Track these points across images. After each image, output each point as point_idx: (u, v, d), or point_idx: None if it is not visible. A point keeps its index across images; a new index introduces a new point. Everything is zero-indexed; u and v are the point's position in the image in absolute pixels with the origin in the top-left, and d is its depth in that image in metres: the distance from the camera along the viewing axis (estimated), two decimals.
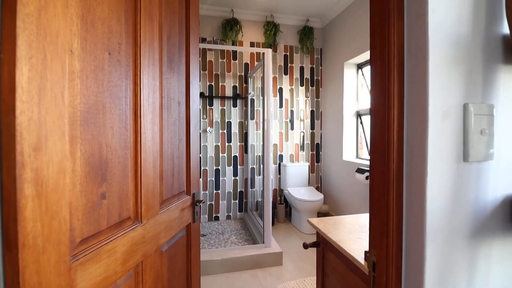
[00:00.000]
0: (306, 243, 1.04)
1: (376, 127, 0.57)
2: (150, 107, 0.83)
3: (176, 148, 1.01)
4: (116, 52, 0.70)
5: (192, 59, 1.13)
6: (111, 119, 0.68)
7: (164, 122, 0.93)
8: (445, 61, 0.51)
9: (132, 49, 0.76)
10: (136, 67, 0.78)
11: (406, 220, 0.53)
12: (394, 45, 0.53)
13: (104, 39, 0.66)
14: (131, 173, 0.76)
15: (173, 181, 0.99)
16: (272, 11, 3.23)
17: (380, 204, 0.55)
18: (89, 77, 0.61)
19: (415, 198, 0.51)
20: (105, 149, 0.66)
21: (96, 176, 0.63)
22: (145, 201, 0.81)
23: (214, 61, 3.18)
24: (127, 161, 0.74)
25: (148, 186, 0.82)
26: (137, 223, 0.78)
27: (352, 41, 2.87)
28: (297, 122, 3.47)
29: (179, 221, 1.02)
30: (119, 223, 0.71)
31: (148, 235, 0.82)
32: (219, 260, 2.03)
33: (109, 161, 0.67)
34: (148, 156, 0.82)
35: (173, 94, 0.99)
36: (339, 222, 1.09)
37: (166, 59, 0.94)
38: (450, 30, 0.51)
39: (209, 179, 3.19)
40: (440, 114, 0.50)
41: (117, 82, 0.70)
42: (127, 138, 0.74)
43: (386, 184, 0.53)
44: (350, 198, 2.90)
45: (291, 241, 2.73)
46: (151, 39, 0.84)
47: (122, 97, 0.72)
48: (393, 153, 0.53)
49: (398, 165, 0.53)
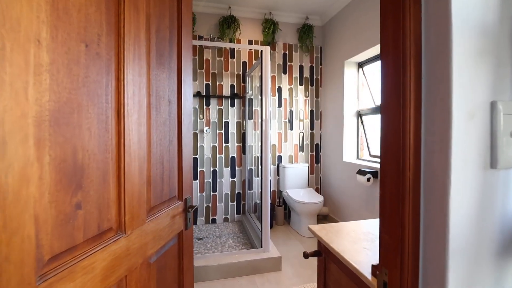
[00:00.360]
0: (306, 253, 0.97)
1: (388, 129, 0.50)
2: (136, 106, 0.76)
3: (166, 151, 0.93)
4: (94, 44, 0.62)
5: (185, 55, 1.05)
6: (89, 119, 0.60)
7: (153, 122, 0.85)
8: (470, 52, 0.43)
9: (115, 42, 0.69)
10: (119, 61, 0.70)
11: (424, 236, 0.46)
12: (410, 33, 0.45)
13: (80, 29, 0.59)
14: (113, 179, 0.68)
15: (163, 186, 0.91)
16: (270, 9, 3.16)
17: (394, 217, 0.48)
18: (61, 71, 0.54)
19: (436, 211, 0.44)
20: (80, 153, 0.58)
21: (70, 184, 0.56)
22: (130, 210, 0.73)
23: (211, 59, 3.10)
24: (108, 166, 0.66)
25: (133, 193, 0.74)
26: (120, 234, 0.70)
27: (353, 39, 2.80)
28: (296, 122, 3.40)
29: (170, 229, 0.95)
30: (98, 235, 0.64)
31: (133, 246, 0.75)
32: (216, 266, 1.96)
33: (85, 166, 0.59)
34: (133, 160, 0.74)
35: (163, 92, 0.91)
36: (341, 230, 1.01)
37: (155, 54, 0.87)
38: (475, 16, 0.43)
39: (206, 181, 3.11)
40: (464, 113, 0.43)
41: (96, 78, 0.62)
42: (108, 141, 0.66)
43: (401, 195, 0.46)
44: (351, 200, 2.83)
45: (290, 244, 2.65)
46: (137, 31, 0.76)
47: (102, 94, 0.64)
48: (409, 159, 0.46)
49: (415, 173, 0.46)
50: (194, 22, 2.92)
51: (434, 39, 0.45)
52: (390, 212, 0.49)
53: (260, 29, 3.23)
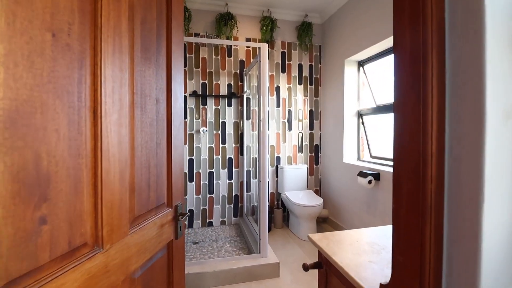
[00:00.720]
0: (306, 265, 0.89)
1: (404, 131, 0.42)
2: (116, 104, 0.68)
3: (153, 154, 0.85)
4: (64, 33, 0.54)
5: (175, 50, 0.97)
6: (56, 120, 0.52)
7: (137, 123, 0.77)
8: (507, 40, 0.36)
9: (90, 32, 0.61)
10: (96, 54, 0.62)
11: (448, 261, 0.38)
12: (431, 16, 0.38)
13: (46, 16, 0.51)
14: (87, 188, 0.60)
15: (149, 193, 0.83)
16: (269, 6, 3.08)
17: (411, 238, 0.40)
18: (20, 64, 0.46)
19: (464, 232, 0.36)
20: (45, 160, 0.50)
21: (31, 196, 0.48)
22: (109, 222, 0.65)
23: (207, 58, 3.02)
24: (82, 173, 0.58)
25: (112, 203, 0.66)
26: (96, 250, 0.62)
27: (353, 37, 2.73)
28: (295, 122, 3.33)
29: (158, 239, 0.87)
30: (69, 252, 0.56)
31: (113, 262, 0.67)
32: (211, 273, 1.87)
33: (52, 174, 0.51)
34: (112, 165, 0.66)
35: (149, 90, 0.83)
36: (344, 239, 0.94)
37: (140, 47, 0.79)
38: None
39: (203, 183, 3.03)
40: (500, 113, 0.35)
41: (66, 73, 0.54)
42: (82, 144, 0.58)
43: (420, 211, 0.38)
44: (351, 202, 2.76)
45: (289, 248, 2.58)
46: (118, 21, 0.68)
47: (73, 92, 0.56)
48: (431, 169, 0.38)
49: (438, 186, 0.38)
50: (190, 20, 2.84)
51: (461, 23, 0.37)
52: (407, 231, 0.41)
53: (258, 27, 3.15)
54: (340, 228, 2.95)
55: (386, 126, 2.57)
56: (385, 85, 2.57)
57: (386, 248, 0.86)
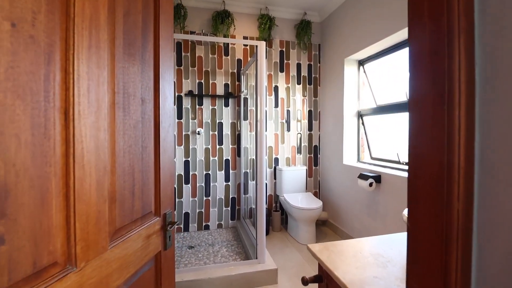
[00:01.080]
0: (306, 279, 0.82)
1: (422, 137, 0.35)
2: (93, 105, 0.61)
3: (138, 159, 0.78)
4: (27, 24, 0.47)
5: (164, 45, 0.90)
6: (16, 124, 0.45)
7: (119, 125, 0.70)
8: None
9: (60, 23, 0.54)
10: (68, 48, 0.55)
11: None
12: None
13: (3, 3, 0.43)
14: (57, 200, 0.53)
15: (134, 201, 0.76)
16: (266, 3, 3.01)
17: (431, 267, 0.33)
18: None
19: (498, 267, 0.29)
20: (2, 169, 0.43)
21: None
22: (83, 237, 0.58)
23: (204, 56, 2.95)
24: (49, 183, 0.51)
25: (88, 215, 0.59)
26: (69, 269, 0.55)
27: (353, 35, 2.66)
28: (294, 123, 3.26)
29: (143, 252, 0.80)
30: (34, 274, 0.49)
31: (90, 281, 0.60)
32: (206, 280, 1.80)
33: (11, 186, 0.44)
34: (88, 173, 0.59)
35: (133, 89, 0.76)
36: (346, 250, 0.87)
37: (122, 42, 0.72)
38: None
39: (199, 185, 2.95)
40: None
41: (29, 69, 0.47)
42: (50, 150, 0.51)
43: (444, 237, 0.31)
44: (351, 205, 2.69)
45: (287, 253, 2.51)
46: (95, 12, 0.61)
47: (39, 90, 0.49)
48: (458, 184, 0.31)
49: (466, 204, 0.31)
50: (186, 17, 2.77)
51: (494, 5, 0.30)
52: (426, 256, 0.34)
53: (256, 25, 3.08)
54: (340, 231, 2.88)
55: (386, 126, 2.50)
56: (386, 85, 2.50)
57: (391, 261, 0.79)
